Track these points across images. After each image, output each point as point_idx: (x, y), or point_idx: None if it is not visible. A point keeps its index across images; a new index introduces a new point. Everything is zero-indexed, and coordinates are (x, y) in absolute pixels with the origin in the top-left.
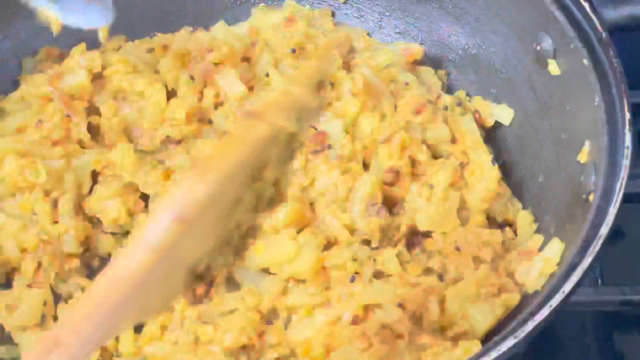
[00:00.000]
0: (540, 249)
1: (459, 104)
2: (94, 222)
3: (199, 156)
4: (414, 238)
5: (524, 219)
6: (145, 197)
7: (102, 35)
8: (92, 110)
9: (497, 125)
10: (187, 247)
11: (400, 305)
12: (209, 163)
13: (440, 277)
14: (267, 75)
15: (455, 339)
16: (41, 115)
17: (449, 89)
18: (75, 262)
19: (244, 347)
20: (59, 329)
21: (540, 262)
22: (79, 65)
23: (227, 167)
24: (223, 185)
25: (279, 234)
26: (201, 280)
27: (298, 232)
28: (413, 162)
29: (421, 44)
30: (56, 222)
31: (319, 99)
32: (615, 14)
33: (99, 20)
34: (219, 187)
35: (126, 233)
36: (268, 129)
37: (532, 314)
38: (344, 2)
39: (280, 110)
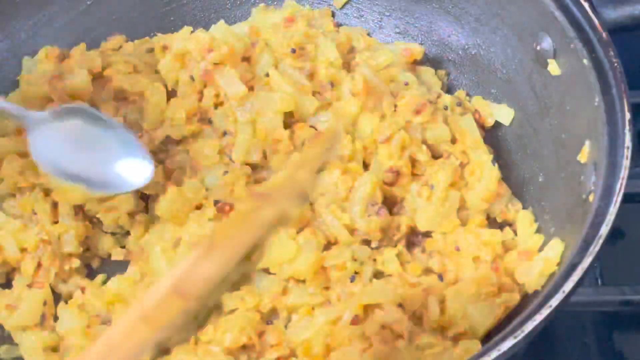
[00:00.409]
0: (540, 249)
1: (459, 104)
2: (94, 222)
3: (208, 232)
4: (414, 238)
5: (524, 219)
6: (145, 197)
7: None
8: None
9: (497, 125)
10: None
11: (400, 305)
12: (217, 241)
13: (440, 277)
14: (267, 75)
15: (455, 339)
16: None
17: (449, 89)
18: (75, 262)
19: (244, 347)
20: None
21: (540, 262)
22: (79, 65)
23: (235, 247)
24: (227, 265)
25: (279, 234)
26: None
27: (298, 232)
28: (413, 162)
29: (421, 44)
30: (56, 222)
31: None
32: (615, 14)
33: (137, 180)
34: (224, 267)
35: (126, 233)
36: (275, 212)
37: (532, 314)
38: (341, 8)
39: (286, 195)
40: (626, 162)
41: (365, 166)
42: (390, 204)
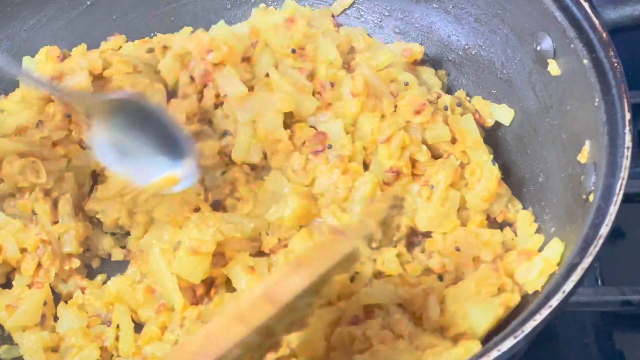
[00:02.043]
0: (540, 249)
1: (459, 104)
2: (94, 222)
3: (297, 253)
4: (414, 238)
5: (524, 219)
6: None
7: None
8: None
9: (497, 125)
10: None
11: (400, 305)
12: (303, 261)
13: (440, 277)
14: (267, 75)
15: (455, 339)
16: (42, 116)
17: (449, 89)
18: (75, 262)
19: None
20: None
21: (540, 262)
22: (79, 66)
23: (315, 268)
24: (308, 281)
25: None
26: None
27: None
28: (413, 162)
29: (421, 44)
30: (56, 222)
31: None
32: (615, 14)
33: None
34: (306, 282)
35: (126, 233)
36: (349, 246)
37: (532, 314)
38: (338, 15)
39: (358, 234)
40: (626, 162)
41: (365, 166)
42: None
